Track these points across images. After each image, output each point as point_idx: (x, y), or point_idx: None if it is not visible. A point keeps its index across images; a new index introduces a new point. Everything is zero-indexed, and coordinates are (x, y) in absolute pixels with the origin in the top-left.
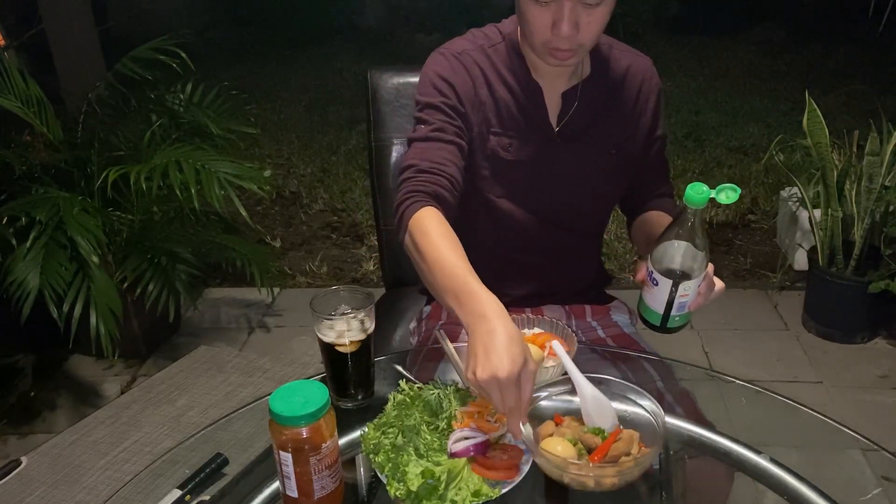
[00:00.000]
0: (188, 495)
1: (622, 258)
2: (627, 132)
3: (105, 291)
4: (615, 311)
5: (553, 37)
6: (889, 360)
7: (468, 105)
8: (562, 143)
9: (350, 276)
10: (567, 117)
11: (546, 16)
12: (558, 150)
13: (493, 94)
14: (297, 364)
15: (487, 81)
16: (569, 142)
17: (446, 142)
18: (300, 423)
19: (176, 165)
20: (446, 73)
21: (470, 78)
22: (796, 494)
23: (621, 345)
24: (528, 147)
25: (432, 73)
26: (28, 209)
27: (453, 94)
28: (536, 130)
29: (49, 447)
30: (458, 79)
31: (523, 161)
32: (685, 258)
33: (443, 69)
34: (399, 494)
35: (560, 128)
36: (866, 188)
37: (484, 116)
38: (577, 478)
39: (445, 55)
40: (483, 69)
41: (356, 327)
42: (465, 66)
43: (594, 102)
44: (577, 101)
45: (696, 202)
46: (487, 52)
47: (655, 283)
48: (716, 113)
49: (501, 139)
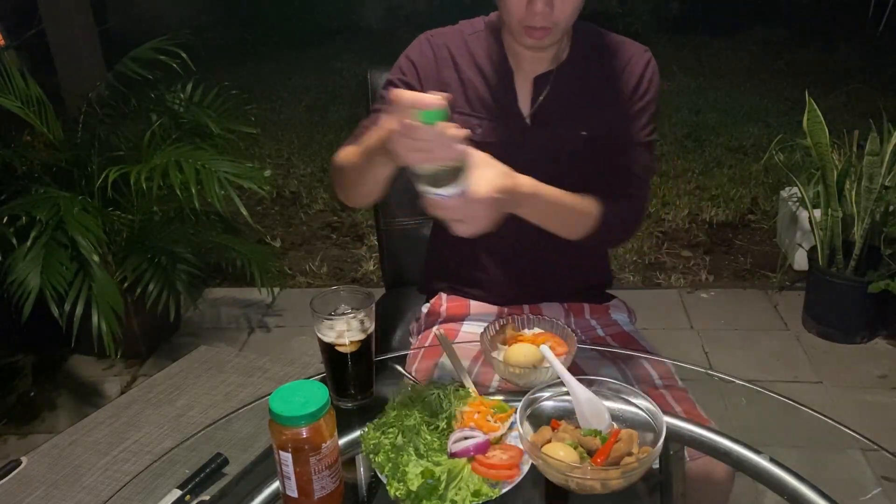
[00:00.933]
0: (188, 495)
1: (622, 258)
2: (604, 117)
3: (106, 290)
4: (615, 309)
5: (528, 15)
6: (889, 360)
7: (428, 84)
8: (533, 128)
9: (350, 276)
10: (539, 102)
11: None
12: (528, 134)
13: (459, 76)
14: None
15: (455, 63)
16: (541, 127)
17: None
18: (300, 423)
19: (176, 165)
20: (412, 54)
21: (435, 59)
22: (796, 494)
23: (621, 344)
24: (497, 130)
25: (402, 56)
26: (28, 209)
27: (413, 72)
28: (506, 114)
29: (49, 447)
30: (422, 59)
31: (492, 143)
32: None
33: (411, 50)
34: (399, 494)
35: (532, 112)
36: (866, 188)
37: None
38: (583, 482)
39: (420, 39)
40: (453, 52)
41: (356, 327)
42: (433, 47)
43: (570, 87)
44: (549, 86)
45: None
46: (465, 38)
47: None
48: (716, 113)
49: (469, 120)
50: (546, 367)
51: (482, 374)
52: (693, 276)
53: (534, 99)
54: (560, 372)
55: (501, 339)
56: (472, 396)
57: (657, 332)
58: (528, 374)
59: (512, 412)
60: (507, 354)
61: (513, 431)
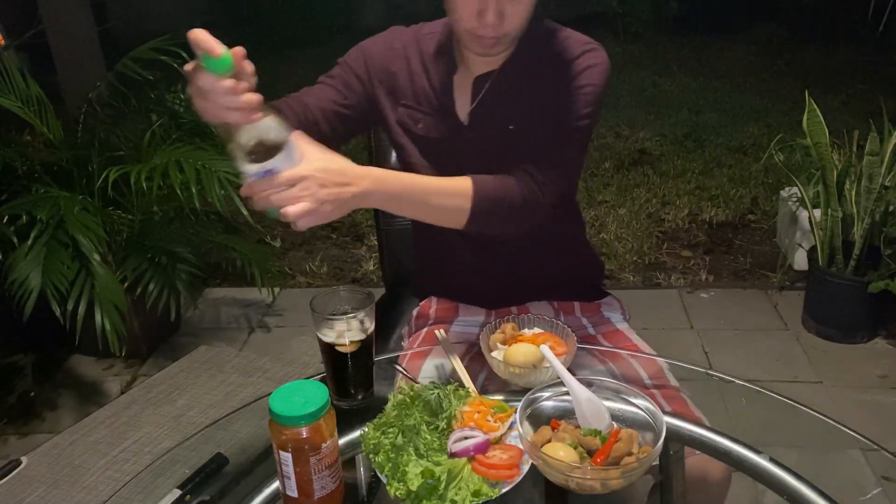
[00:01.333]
0: (188, 495)
1: (622, 258)
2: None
3: (109, 288)
4: (607, 307)
5: (478, 25)
6: (889, 360)
7: (376, 76)
8: (469, 128)
9: (350, 276)
10: (477, 101)
11: (472, 4)
12: (464, 133)
13: (408, 69)
14: (297, 364)
15: (406, 57)
16: (475, 127)
17: (325, 83)
18: (300, 423)
19: (176, 165)
20: (365, 45)
21: (386, 51)
22: (796, 494)
23: (612, 342)
24: (436, 128)
25: (357, 45)
26: (29, 208)
27: (361, 61)
28: (444, 114)
29: (49, 447)
30: (374, 49)
31: (433, 139)
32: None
33: (366, 42)
34: (399, 494)
35: (470, 112)
36: (866, 188)
37: (392, 86)
38: (584, 482)
39: (379, 34)
40: (406, 48)
41: (356, 327)
42: (386, 41)
43: (509, 86)
44: (487, 85)
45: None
46: (419, 37)
47: (268, 174)
48: (716, 113)
49: (413, 112)
50: (546, 367)
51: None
52: (693, 276)
53: (473, 99)
54: (560, 372)
55: (501, 339)
56: (472, 396)
57: (657, 332)
58: (528, 374)
59: (512, 412)
60: (507, 354)
61: (513, 431)
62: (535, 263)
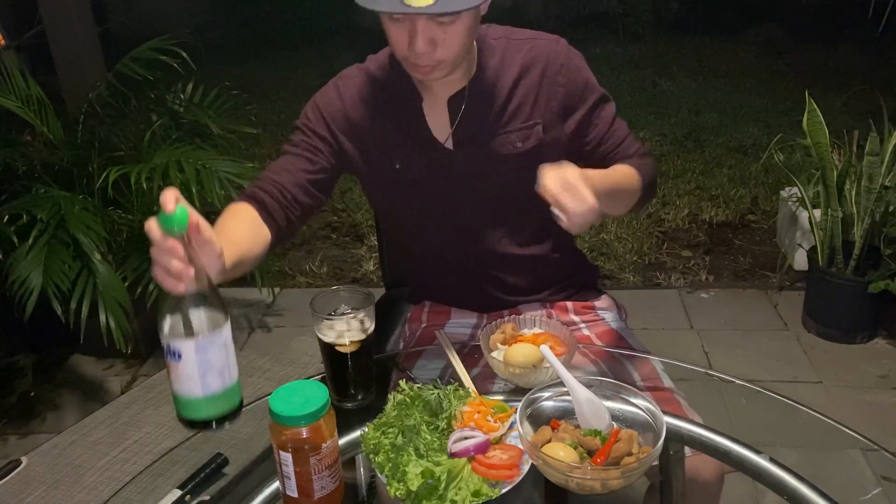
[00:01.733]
0: (188, 495)
1: (622, 258)
2: (531, 121)
3: (112, 286)
4: (602, 307)
5: (410, 53)
6: (889, 360)
7: (338, 129)
8: (456, 151)
9: (350, 276)
10: (456, 123)
11: (402, 32)
12: (452, 157)
13: (370, 115)
14: (297, 364)
15: (364, 103)
16: (464, 146)
17: (292, 154)
18: (300, 423)
19: (176, 165)
20: (319, 100)
21: (342, 103)
22: (796, 494)
23: (606, 342)
24: (418, 162)
25: (311, 102)
26: (29, 207)
27: (320, 119)
28: (422, 144)
29: (49, 447)
30: (328, 105)
31: (417, 176)
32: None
33: (319, 96)
34: (399, 494)
35: (452, 134)
36: (866, 188)
37: (361, 139)
38: (583, 482)
39: (329, 85)
40: (361, 92)
41: (356, 327)
42: (340, 91)
43: (486, 101)
44: (464, 104)
45: (170, 226)
46: (371, 73)
47: (178, 357)
48: (716, 113)
49: (388, 157)
50: (546, 367)
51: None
52: (693, 276)
53: (451, 120)
54: (560, 372)
55: (501, 339)
56: (472, 396)
57: (657, 332)
58: (528, 374)
59: (512, 412)
60: (507, 354)
61: (513, 431)
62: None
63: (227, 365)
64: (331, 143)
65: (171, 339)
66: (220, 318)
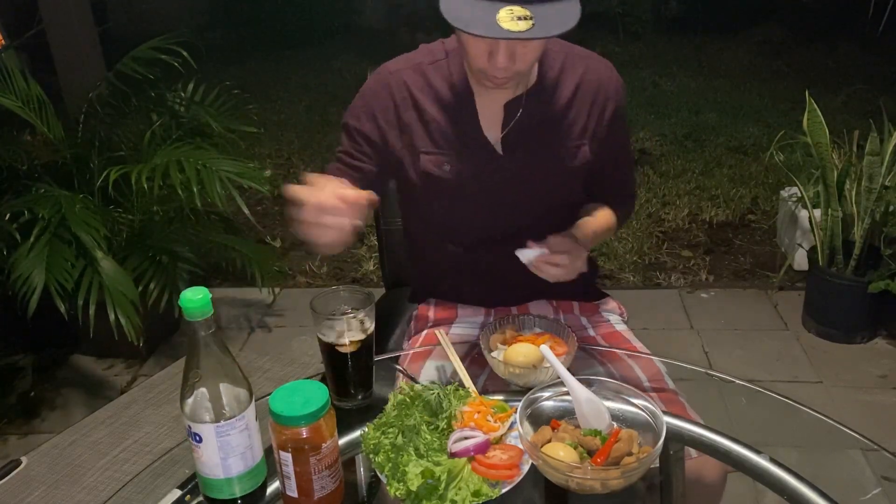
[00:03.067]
0: (188, 495)
1: (622, 258)
2: (580, 139)
3: (119, 281)
4: (605, 308)
5: (489, 66)
6: (889, 360)
7: (389, 130)
8: (505, 155)
9: (350, 276)
10: (509, 128)
11: (482, 46)
12: (501, 161)
13: (421, 116)
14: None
15: (415, 102)
16: (513, 152)
17: (347, 165)
18: (300, 423)
19: (177, 165)
20: (370, 98)
21: (394, 102)
22: (796, 494)
23: (612, 343)
24: (467, 162)
25: (361, 97)
26: (31, 205)
27: (372, 121)
28: (473, 145)
29: (49, 447)
30: (380, 104)
31: (464, 176)
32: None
33: (370, 94)
34: (399, 494)
35: (502, 138)
36: (866, 188)
37: (410, 140)
38: (583, 482)
39: (379, 76)
40: (412, 90)
41: (356, 327)
42: (391, 89)
43: (541, 111)
44: (520, 111)
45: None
46: (424, 70)
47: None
48: (716, 113)
49: (436, 157)
50: (546, 367)
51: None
52: (693, 276)
53: (504, 125)
54: (560, 372)
55: (501, 340)
56: (472, 396)
57: (657, 332)
58: (528, 374)
59: (512, 412)
60: (507, 354)
61: (513, 431)
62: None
63: (249, 447)
64: (378, 145)
65: (191, 422)
66: (243, 397)
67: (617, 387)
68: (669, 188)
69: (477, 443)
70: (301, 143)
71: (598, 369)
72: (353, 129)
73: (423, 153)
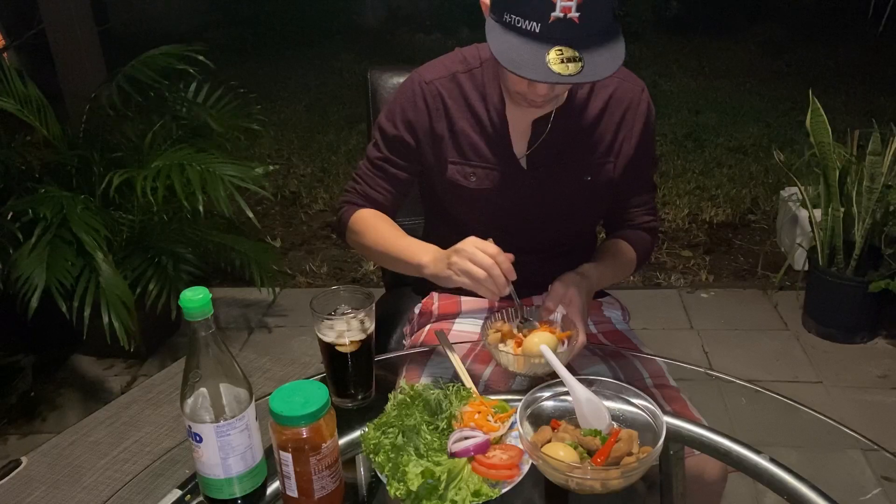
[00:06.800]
0: (188, 495)
1: None
2: (605, 158)
3: (115, 284)
4: (607, 307)
5: (529, 92)
6: (889, 360)
7: (423, 138)
8: (529, 171)
9: (350, 276)
10: (536, 145)
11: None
12: (525, 177)
13: (452, 127)
14: (297, 364)
15: (447, 113)
16: (537, 169)
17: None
18: (300, 423)
19: (179, 169)
20: (408, 106)
21: (428, 112)
22: (796, 494)
23: (613, 342)
24: (492, 175)
25: (397, 102)
26: (33, 206)
27: (410, 129)
28: (500, 159)
29: (49, 447)
30: (416, 114)
31: (488, 188)
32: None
33: (406, 101)
34: (399, 494)
35: (528, 155)
36: (867, 188)
37: (440, 149)
38: (583, 482)
39: (414, 84)
40: (446, 100)
41: (356, 327)
42: (427, 98)
43: (568, 129)
44: (548, 128)
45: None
46: (459, 79)
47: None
48: (716, 113)
49: (462, 168)
50: (561, 353)
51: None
52: (693, 276)
53: (531, 141)
54: (560, 372)
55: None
56: (472, 396)
57: (657, 332)
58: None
59: (512, 412)
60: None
61: (513, 431)
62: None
63: (249, 447)
64: (413, 152)
65: (191, 422)
66: (243, 397)
67: (617, 387)
68: (669, 188)
69: (477, 443)
70: (301, 143)
71: (600, 366)
72: (391, 135)
73: (451, 163)
